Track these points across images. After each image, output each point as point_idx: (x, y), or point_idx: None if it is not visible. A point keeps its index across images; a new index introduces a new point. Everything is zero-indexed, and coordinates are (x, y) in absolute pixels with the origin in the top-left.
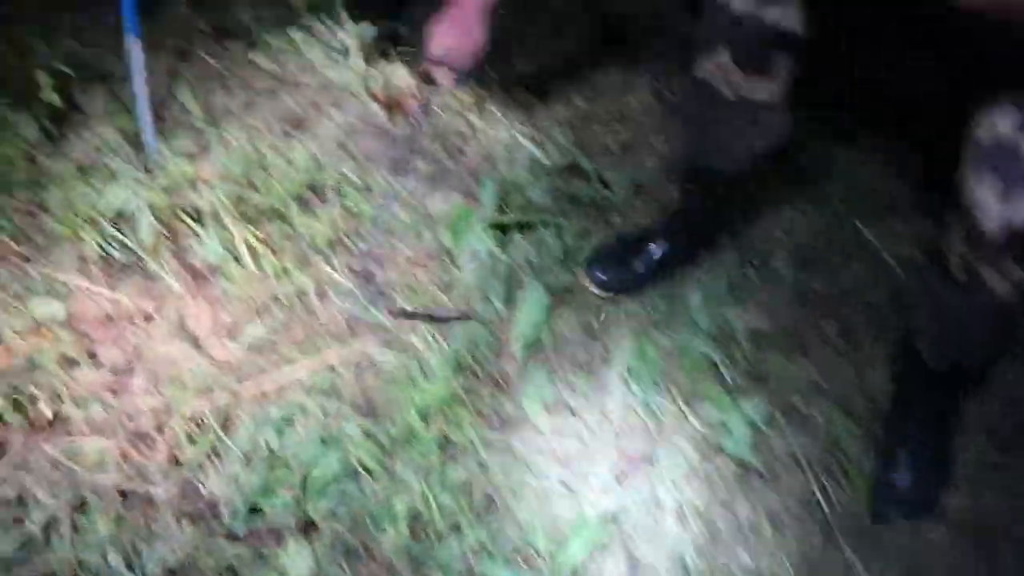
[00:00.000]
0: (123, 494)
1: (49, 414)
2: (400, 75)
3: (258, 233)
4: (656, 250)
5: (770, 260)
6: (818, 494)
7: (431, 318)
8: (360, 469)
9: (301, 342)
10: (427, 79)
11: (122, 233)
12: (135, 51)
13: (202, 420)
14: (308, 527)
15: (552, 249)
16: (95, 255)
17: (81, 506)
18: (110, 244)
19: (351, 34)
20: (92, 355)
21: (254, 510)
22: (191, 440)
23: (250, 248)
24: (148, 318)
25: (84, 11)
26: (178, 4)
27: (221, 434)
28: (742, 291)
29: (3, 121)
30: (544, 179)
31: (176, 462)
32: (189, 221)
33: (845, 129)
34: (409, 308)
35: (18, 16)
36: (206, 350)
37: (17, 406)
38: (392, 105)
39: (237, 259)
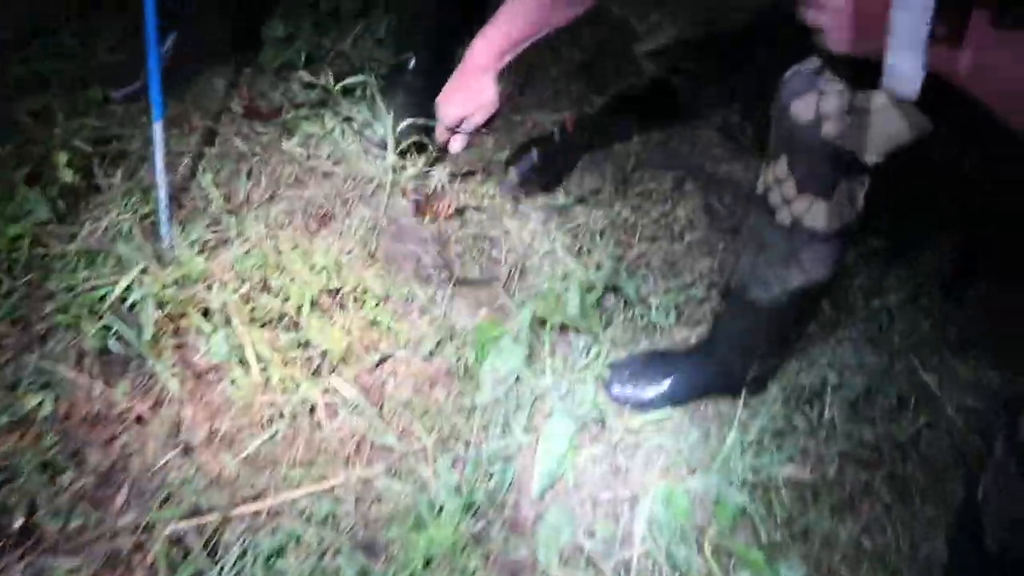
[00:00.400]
0: None
1: (22, 524)
2: (434, 173)
3: (268, 338)
4: (680, 377)
5: (818, 402)
6: None
7: None
8: None
9: (303, 460)
10: (442, 149)
11: (125, 325)
12: (157, 135)
13: (187, 542)
14: None
15: (583, 374)
16: (93, 347)
17: None
18: (111, 336)
19: (388, 125)
20: (77, 456)
21: None
22: (171, 566)
23: (258, 354)
24: (141, 419)
25: (114, 85)
26: (211, 81)
27: (205, 561)
28: (785, 435)
29: (14, 197)
30: (581, 295)
31: None
32: (197, 318)
33: (907, 250)
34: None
35: (47, 88)
36: (199, 461)
37: None
38: (422, 205)
39: (243, 363)
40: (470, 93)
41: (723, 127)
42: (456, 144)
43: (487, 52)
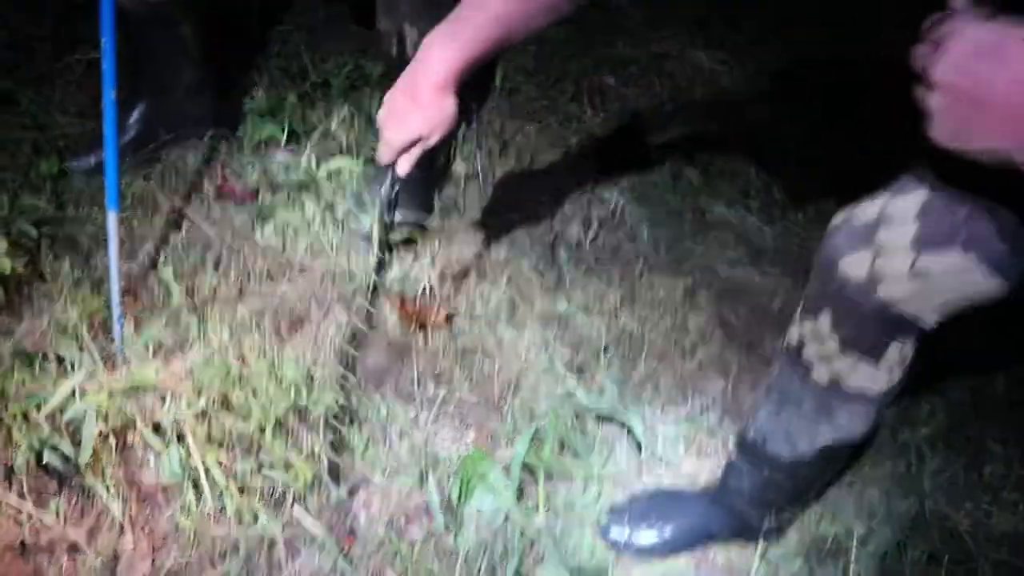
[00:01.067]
0: None
1: None
2: (422, 276)
3: (226, 460)
4: (687, 523)
5: (843, 556)
6: None
7: None
8: None
9: None
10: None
11: (63, 438)
12: (112, 226)
13: None
14: None
15: (582, 516)
16: (26, 462)
17: None
18: (48, 449)
19: (374, 216)
20: None
21: None
22: None
23: (212, 478)
24: (74, 550)
25: (74, 156)
26: (183, 156)
27: None
28: None
29: None
30: (581, 422)
31: None
32: (146, 433)
33: (940, 376)
34: None
35: None
36: None
37: None
38: (409, 310)
39: (196, 486)
40: (428, 112)
41: (739, 227)
42: (404, 165)
43: (446, 68)
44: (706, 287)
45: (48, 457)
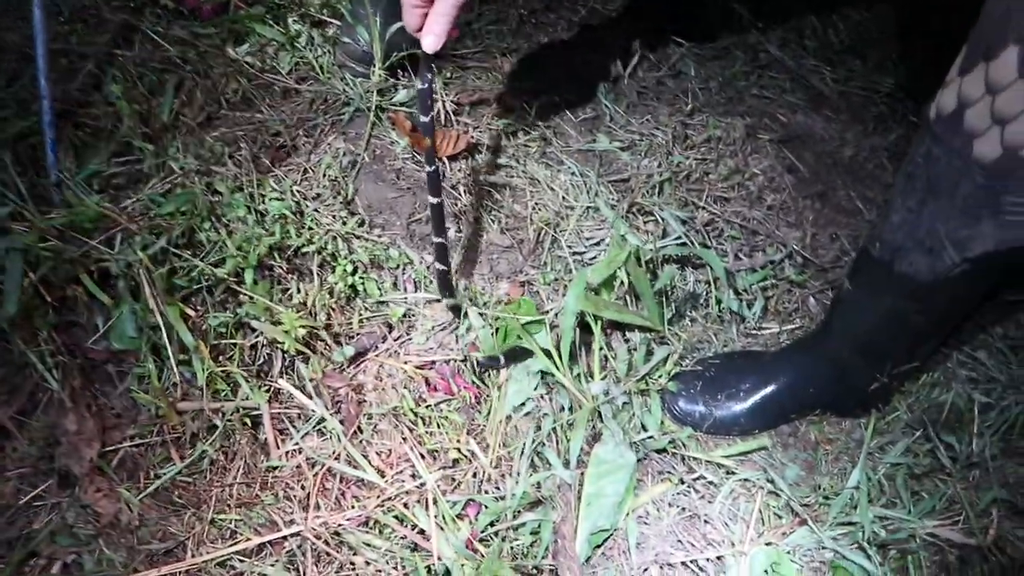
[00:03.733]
0: None
1: None
2: (434, 98)
3: (194, 317)
4: (775, 390)
5: (963, 430)
6: None
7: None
8: None
9: (239, 499)
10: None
11: None
12: (39, 21)
13: None
14: None
15: (643, 384)
16: None
17: None
18: None
19: (374, 31)
20: None
21: None
22: None
23: (179, 340)
24: (1, 434)
25: None
26: None
27: None
28: (924, 477)
29: None
30: (639, 273)
31: None
32: (90, 285)
33: None
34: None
35: None
36: (84, 497)
37: None
38: (420, 138)
39: (157, 353)
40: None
41: (795, 70)
42: (435, 30)
43: None
44: (766, 130)
45: None
